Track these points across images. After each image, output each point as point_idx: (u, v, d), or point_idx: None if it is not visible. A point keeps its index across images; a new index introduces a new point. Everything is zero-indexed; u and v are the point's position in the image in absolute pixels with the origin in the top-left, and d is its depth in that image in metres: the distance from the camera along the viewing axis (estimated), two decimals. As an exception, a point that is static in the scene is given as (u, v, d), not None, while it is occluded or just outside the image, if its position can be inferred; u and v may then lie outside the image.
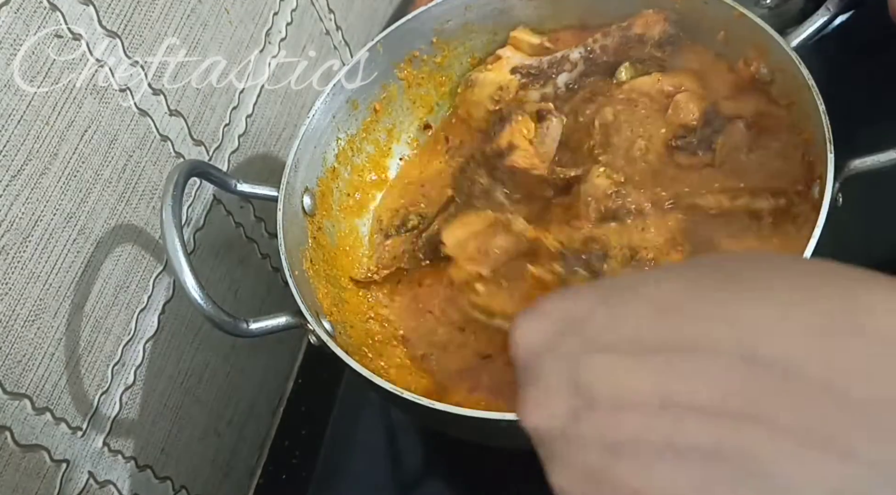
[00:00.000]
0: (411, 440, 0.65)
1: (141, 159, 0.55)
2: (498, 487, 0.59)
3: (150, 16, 0.54)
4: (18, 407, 0.46)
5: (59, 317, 0.49)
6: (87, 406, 0.52)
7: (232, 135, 0.65)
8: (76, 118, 0.49)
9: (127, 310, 0.55)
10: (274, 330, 0.51)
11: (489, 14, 0.68)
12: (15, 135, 0.45)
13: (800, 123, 0.53)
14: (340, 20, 0.80)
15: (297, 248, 0.57)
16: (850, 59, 0.66)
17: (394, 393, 0.46)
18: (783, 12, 0.66)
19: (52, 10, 0.46)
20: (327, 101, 0.63)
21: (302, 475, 0.66)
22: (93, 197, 0.51)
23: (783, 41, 0.54)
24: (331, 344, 0.50)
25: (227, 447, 0.67)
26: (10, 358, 0.46)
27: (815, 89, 0.50)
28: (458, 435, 0.52)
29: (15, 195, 0.45)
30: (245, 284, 0.68)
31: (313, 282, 0.58)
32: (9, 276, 0.45)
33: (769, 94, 0.56)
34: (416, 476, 0.63)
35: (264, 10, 0.67)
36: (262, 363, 0.72)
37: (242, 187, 0.57)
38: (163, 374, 0.59)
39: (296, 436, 0.69)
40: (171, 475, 0.60)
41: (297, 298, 0.52)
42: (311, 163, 0.62)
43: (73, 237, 0.50)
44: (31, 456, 0.47)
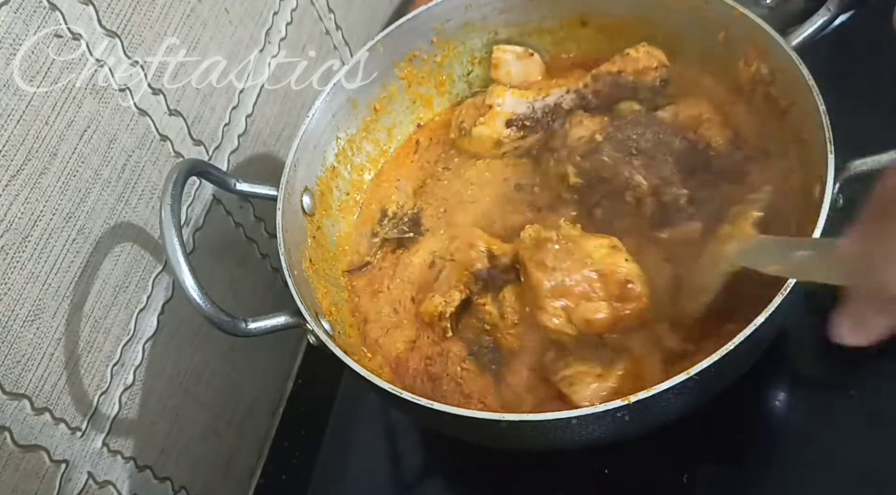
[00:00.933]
0: (411, 440, 0.65)
1: (140, 159, 0.55)
2: (497, 487, 0.59)
3: (149, 16, 0.54)
4: (18, 407, 0.46)
5: (58, 317, 0.49)
6: (87, 406, 0.52)
7: (231, 135, 0.65)
8: (76, 118, 0.49)
9: (126, 310, 0.55)
10: (273, 329, 0.51)
11: (490, 13, 0.68)
12: (14, 134, 0.45)
13: (799, 124, 0.53)
14: (340, 20, 0.80)
15: (296, 248, 0.57)
16: (850, 59, 0.66)
17: (393, 393, 0.46)
18: (783, 12, 0.66)
19: (51, 10, 0.46)
20: (327, 100, 0.63)
21: (302, 475, 0.65)
22: (92, 196, 0.51)
23: (783, 41, 0.54)
24: (329, 344, 0.50)
25: (227, 447, 0.67)
26: (10, 358, 0.46)
27: (815, 89, 0.50)
28: (457, 436, 0.52)
29: (14, 195, 0.45)
30: (245, 284, 0.68)
31: (313, 282, 0.58)
32: (8, 276, 0.45)
33: (769, 95, 0.56)
34: (416, 476, 0.63)
35: (264, 9, 0.67)
36: (262, 363, 0.72)
37: (242, 186, 0.57)
38: (162, 374, 0.59)
39: (296, 436, 0.69)
40: (170, 475, 0.60)
41: (296, 298, 0.52)
42: (310, 163, 0.62)
43: (72, 237, 0.50)
44: (30, 457, 0.47)
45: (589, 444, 0.47)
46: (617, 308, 0.51)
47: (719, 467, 0.55)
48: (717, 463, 0.55)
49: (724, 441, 0.55)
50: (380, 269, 0.63)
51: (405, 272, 0.62)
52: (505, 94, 0.65)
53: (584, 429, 0.44)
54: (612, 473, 0.56)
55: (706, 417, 0.48)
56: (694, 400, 0.45)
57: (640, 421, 0.44)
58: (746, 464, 0.54)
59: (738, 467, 0.54)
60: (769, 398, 0.56)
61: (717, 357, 0.42)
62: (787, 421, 0.56)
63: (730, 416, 0.54)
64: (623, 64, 0.63)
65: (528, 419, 0.43)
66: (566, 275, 0.51)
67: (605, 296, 0.51)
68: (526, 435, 0.45)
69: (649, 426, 0.47)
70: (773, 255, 0.45)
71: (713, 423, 0.53)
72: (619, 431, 0.45)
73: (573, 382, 0.49)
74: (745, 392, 0.54)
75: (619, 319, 0.51)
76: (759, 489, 0.53)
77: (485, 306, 0.56)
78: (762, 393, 0.56)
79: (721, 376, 0.45)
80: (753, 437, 0.55)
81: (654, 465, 0.55)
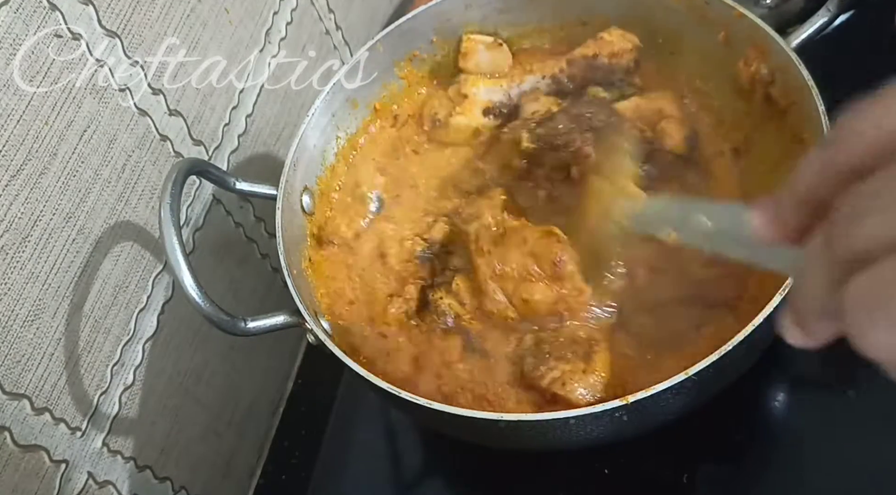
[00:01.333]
0: (411, 440, 0.65)
1: (140, 159, 0.55)
2: (497, 487, 0.59)
3: (149, 16, 0.54)
4: (18, 407, 0.46)
5: (58, 317, 0.49)
6: (87, 406, 0.52)
7: (231, 135, 0.65)
8: (76, 118, 0.49)
9: (126, 310, 0.55)
10: (272, 329, 0.51)
11: (490, 13, 0.68)
12: (14, 134, 0.45)
13: (799, 124, 0.53)
14: (340, 20, 0.80)
15: (295, 247, 0.57)
16: (851, 59, 0.66)
17: (392, 392, 0.46)
18: (783, 12, 0.66)
19: (51, 10, 0.46)
20: (327, 100, 0.63)
21: (302, 475, 0.66)
22: (92, 196, 0.51)
23: (783, 42, 0.53)
24: (328, 343, 0.50)
25: (226, 447, 0.67)
26: (10, 358, 0.46)
27: (815, 90, 0.50)
28: (455, 435, 0.52)
29: (14, 195, 0.45)
30: (245, 284, 0.68)
31: (312, 281, 0.58)
32: (8, 276, 0.45)
33: (769, 95, 0.56)
34: (416, 475, 0.63)
35: (264, 9, 0.67)
36: (262, 363, 0.72)
37: (241, 185, 0.57)
38: (162, 374, 0.59)
39: (296, 436, 0.69)
40: (170, 475, 0.60)
41: (295, 297, 0.52)
42: (310, 162, 0.62)
43: (72, 237, 0.50)
44: (30, 457, 0.47)
45: (587, 444, 0.47)
46: (555, 289, 0.52)
47: (719, 467, 0.55)
48: (717, 463, 0.55)
49: (724, 441, 0.55)
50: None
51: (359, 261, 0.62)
52: (479, 83, 0.66)
53: (582, 429, 0.44)
54: (611, 473, 0.56)
55: (705, 417, 0.48)
56: (693, 400, 0.45)
57: (638, 421, 0.44)
58: (746, 464, 0.54)
59: (737, 467, 0.54)
60: (768, 398, 0.56)
61: (715, 357, 0.42)
62: (787, 421, 0.56)
63: (729, 416, 0.54)
64: (597, 47, 0.63)
65: (527, 419, 0.43)
66: (502, 258, 0.53)
67: (541, 277, 0.52)
68: (524, 435, 0.45)
69: (648, 426, 0.47)
70: (667, 220, 0.39)
71: (712, 423, 0.53)
72: (617, 431, 0.45)
73: (564, 382, 0.49)
74: (745, 392, 0.54)
75: (559, 299, 0.52)
76: (758, 489, 0.53)
77: (442, 300, 0.56)
78: (761, 393, 0.56)
79: (720, 376, 0.45)
80: (753, 437, 0.55)
81: (653, 465, 0.55)
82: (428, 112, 0.68)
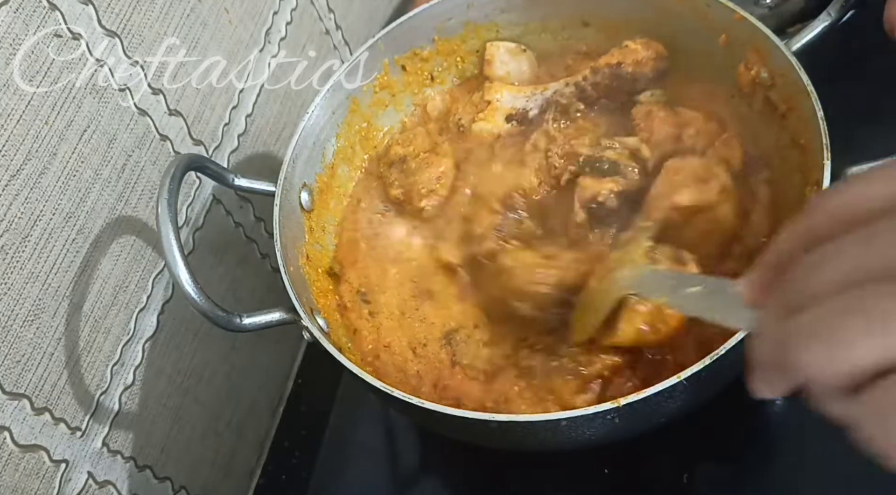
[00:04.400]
0: (410, 440, 0.65)
1: (140, 159, 0.55)
2: (496, 487, 0.59)
3: (149, 16, 0.54)
4: (18, 407, 0.46)
5: (58, 316, 0.49)
6: (87, 406, 0.52)
7: (231, 135, 0.65)
8: (75, 118, 0.49)
9: (126, 309, 0.55)
10: (267, 325, 0.51)
11: (491, 12, 0.67)
12: (14, 134, 0.45)
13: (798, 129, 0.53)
14: (340, 19, 0.80)
15: (293, 244, 0.57)
16: (850, 62, 0.66)
17: (387, 392, 0.46)
18: (783, 12, 0.66)
19: (51, 10, 0.46)
20: (327, 97, 0.63)
21: (302, 475, 0.66)
22: (92, 196, 0.51)
23: (783, 46, 0.53)
24: (323, 341, 0.50)
25: (226, 447, 0.67)
26: (10, 358, 0.46)
27: (813, 95, 0.50)
28: (452, 435, 0.52)
29: (14, 194, 0.45)
30: (244, 284, 0.68)
31: (309, 279, 0.58)
32: (8, 276, 0.45)
33: (769, 99, 0.56)
34: (415, 475, 0.63)
35: (264, 9, 0.67)
36: (262, 363, 0.72)
37: (240, 181, 0.57)
38: (162, 374, 0.59)
39: (296, 436, 0.69)
40: (170, 475, 0.60)
41: (291, 293, 0.51)
42: (309, 160, 0.62)
43: (72, 237, 0.50)
44: (30, 456, 0.47)
45: (581, 445, 0.47)
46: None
47: (719, 467, 0.55)
48: (717, 462, 0.55)
49: (724, 441, 0.55)
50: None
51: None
52: (503, 90, 0.65)
53: (573, 431, 0.44)
54: (611, 473, 0.56)
55: (706, 417, 0.48)
56: (686, 404, 0.45)
57: (630, 424, 0.44)
58: (746, 464, 0.54)
59: (737, 467, 0.55)
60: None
61: (707, 361, 0.42)
62: (787, 421, 0.56)
63: (729, 416, 0.54)
64: (622, 56, 0.63)
65: (519, 420, 0.43)
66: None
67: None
68: (517, 435, 0.45)
69: (640, 428, 0.47)
70: (662, 287, 0.45)
71: (713, 423, 0.53)
72: (609, 433, 0.45)
73: (570, 394, 0.49)
74: (745, 392, 0.54)
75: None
76: (758, 489, 0.53)
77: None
78: (761, 393, 0.56)
79: (712, 380, 0.44)
80: (753, 437, 0.55)
81: (653, 465, 0.56)
82: (452, 117, 0.68)
